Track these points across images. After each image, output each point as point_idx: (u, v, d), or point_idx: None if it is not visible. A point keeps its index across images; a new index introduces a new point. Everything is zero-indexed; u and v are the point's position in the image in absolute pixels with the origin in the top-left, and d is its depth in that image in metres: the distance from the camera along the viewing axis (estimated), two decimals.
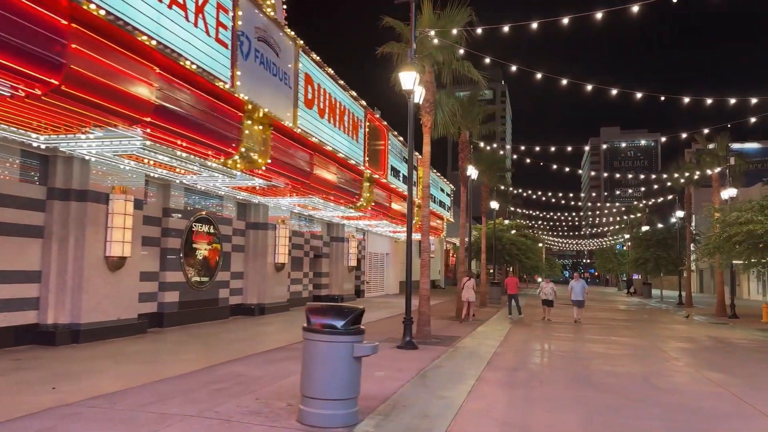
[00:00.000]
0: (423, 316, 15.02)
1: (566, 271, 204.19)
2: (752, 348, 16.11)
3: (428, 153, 15.54)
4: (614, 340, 17.05)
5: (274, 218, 21.30)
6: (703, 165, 30.77)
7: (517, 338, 16.48)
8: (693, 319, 26.53)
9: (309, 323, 6.72)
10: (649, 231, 45.56)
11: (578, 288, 22.46)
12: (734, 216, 20.48)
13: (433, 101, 15.41)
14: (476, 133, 22.79)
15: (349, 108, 18.81)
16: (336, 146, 17.62)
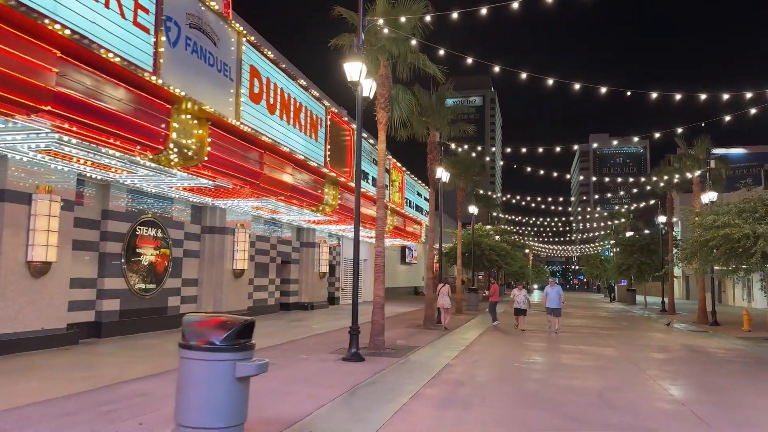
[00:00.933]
0: (376, 325, 14.06)
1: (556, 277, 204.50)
2: (726, 358, 15.23)
3: (383, 151, 14.62)
4: (583, 349, 16.14)
5: (232, 222, 20.30)
6: (683, 169, 30.01)
7: (480, 348, 15.54)
8: (673, 327, 25.69)
9: (184, 338, 5.75)
10: (632, 237, 44.80)
11: (554, 295, 20.60)
12: (711, 220, 19.63)
13: (388, 96, 14.50)
14: (445, 133, 21.88)
15: (307, 106, 17.88)
16: (291, 145, 16.67)
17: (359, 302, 32.03)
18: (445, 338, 17.60)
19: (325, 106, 19.31)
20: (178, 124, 11.67)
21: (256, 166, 15.01)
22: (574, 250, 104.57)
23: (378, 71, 14.46)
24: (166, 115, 11.38)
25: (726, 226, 18.86)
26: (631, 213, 51.81)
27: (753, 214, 19.21)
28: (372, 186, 25.09)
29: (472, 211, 35.04)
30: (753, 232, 18.06)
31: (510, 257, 37.95)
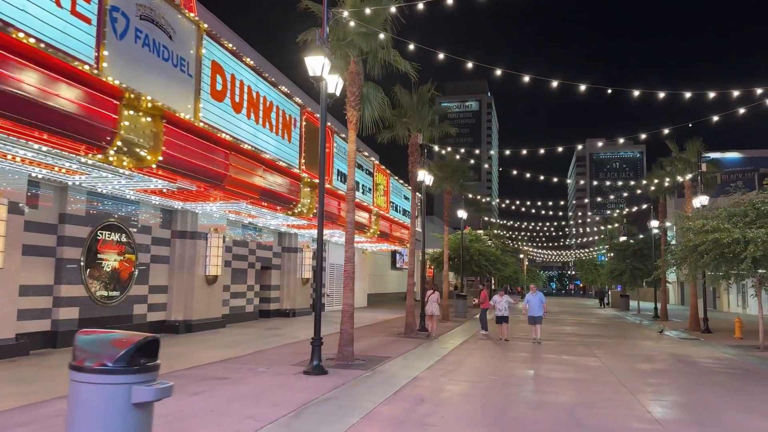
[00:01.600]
0: (344, 335, 13.33)
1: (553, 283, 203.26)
2: (714, 369, 14.52)
3: (353, 151, 13.91)
4: (565, 360, 15.41)
5: (205, 226, 19.57)
6: (675, 172, 29.37)
7: (457, 358, 14.81)
8: (664, 334, 24.97)
9: (74, 357, 5.01)
10: (625, 242, 44.11)
11: (535, 302, 19.29)
12: (700, 224, 18.95)
13: (359, 94, 13.80)
14: (427, 135, 21.19)
15: (279, 105, 17.20)
16: (260, 146, 15.98)
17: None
18: (423, 347, 16.87)
19: (300, 106, 18.61)
20: (128, 121, 10.95)
21: (220, 167, 14.28)
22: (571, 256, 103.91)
23: (348, 68, 13.77)
24: (112, 111, 10.66)
25: (715, 230, 18.18)
26: (624, 217, 51.11)
27: (743, 218, 18.53)
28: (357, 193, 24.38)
29: (461, 216, 34.41)
30: (743, 237, 17.38)
31: (500, 262, 37.21)
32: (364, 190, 25.85)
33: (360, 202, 25.90)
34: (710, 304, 47.77)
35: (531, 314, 19.24)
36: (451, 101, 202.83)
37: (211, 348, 15.27)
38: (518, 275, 72.54)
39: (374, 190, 27.41)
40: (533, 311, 19.22)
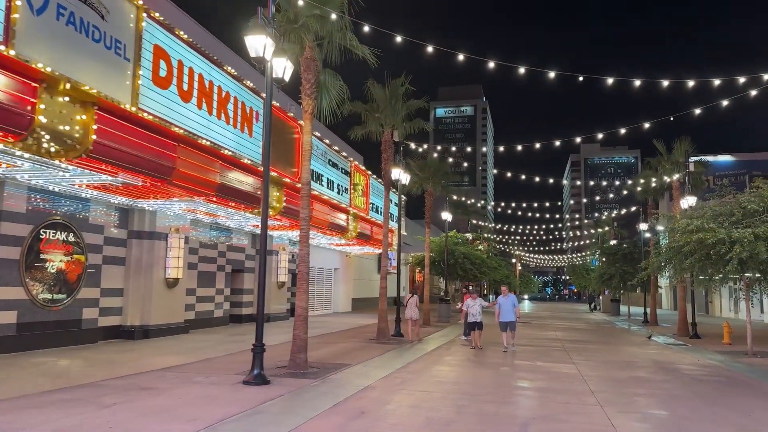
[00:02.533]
0: (297, 341, 12.36)
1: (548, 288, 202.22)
2: (697, 377, 13.57)
3: (309, 143, 12.95)
4: (539, 367, 14.45)
5: (164, 226, 18.58)
6: (662, 173, 28.51)
7: (421, 366, 13.84)
8: (653, 339, 24.02)
9: None
10: (615, 245, 43.22)
11: (507, 306, 17.58)
12: (683, 224, 18.03)
13: (315, 82, 12.87)
14: (401, 131, 20.26)
15: (238, 96, 16.26)
16: (215, 139, 15.02)
17: (329, 313, 29.49)
18: (392, 354, 15.91)
19: (263, 98, 17.63)
20: (49, 106, 10.00)
21: (166, 160, 13.33)
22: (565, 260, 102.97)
23: (303, 53, 12.84)
24: (30, 95, 9.70)
25: (699, 230, 17.27)
26: (614, 221, 50.24)
27: (729, 217, 17.62)
28: (328, 189, 23.46)
29: (446, 218, 33.46)
30: (728, 237, 16.48)
31: (486, 266, 36.26)
32: (339, 190, 24.91)
33: (337, 203, 24.96)
34: (702, 308, 46.88)
35: (502, 319, 17.55)
36: (445, 106, 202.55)
37: (161, 355, 14.27)
38: (510, 280, 71.51)
39: (352, 191, 26.45)
40: (505, 316, 17.55)
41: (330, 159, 23.52)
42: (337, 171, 24.39)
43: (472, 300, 18.47)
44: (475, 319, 18.07)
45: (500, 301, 17.87)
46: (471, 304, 18.36)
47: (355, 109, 19.75)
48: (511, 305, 17.65)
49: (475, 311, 18.15)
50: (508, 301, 17.73)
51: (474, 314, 18.10)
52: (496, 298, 22.77)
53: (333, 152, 23.93)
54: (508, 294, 18.10)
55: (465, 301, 18.77)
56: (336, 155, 24.32)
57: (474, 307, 18.23)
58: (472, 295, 18.95)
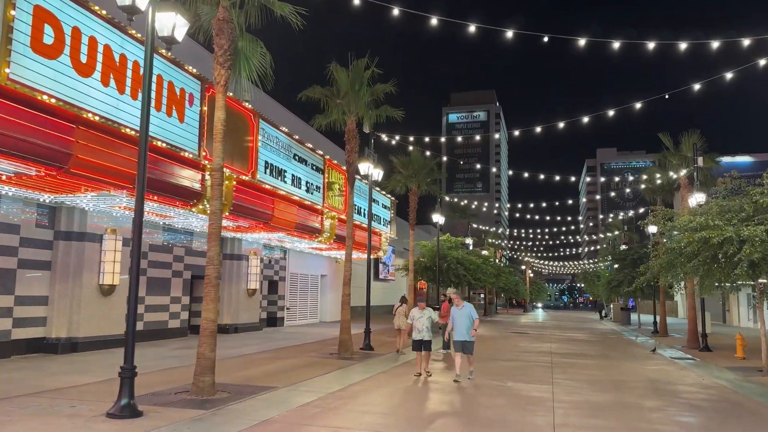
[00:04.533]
0: (201, 361, 10.20)
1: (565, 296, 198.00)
2: (695, 402, 11.18)
3: (221, 121, 10.84)
4: (508, 389, 12.16)
5: (99, 227, 16.61)
6: (669, 168, 26.03)
7: (359, 389, 11.62)
8: (659, 352, 21.51)
9: None
10: (624, 250, 40.58)
11: (462, 319, 13.04)
12: (685, 220, 15.65)
13: (229, 48, 10.77)
14: (368, 120, 18.11)
15: (163, 75, 14.19)
16: (133, 123, 12.97)
17: (314, 323, 26.74)
18: (339, 372, 13.72)
19: (200, 80, 15.60)
20: None
21: (60, 145, 11.30)
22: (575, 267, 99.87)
23: (216, 15, 10.77)
24: None
25: (703, 228, 14.87)
26: (625, 224, 47.56)
27: (738, 213, 15.19)
28: (293, 186, 21.34)
29: (436, 220, 31.21)
30: (737, 236, 14.08)
31: (481, 272, 33.90)
32: (309, 188, 22.78)
33: (308, 203, 22.84)
34: (718, 317, 43.98)
35: (456, 338, 13.14)
36: (458, 111, 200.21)
37: (70, 373, 12.26)
38: (518, 287, 68.88)
39: (326, 190, 24.31)
40: (459, 333, 13.05)
41: (296, 153, 21.42)
42: (305, 167, 22.28)
43: (419, 310, 13.58)
44: (421, 336, 13.26)
45: (453, 314, 13.27)
46: (417, 315, 13.49)
47: (316, 96, 17.72)
48: (466, 318, 13.03)
49: (421, 325, 13.30)
50: (462, 313, 13.08)
51: (420, 329, 13.31)
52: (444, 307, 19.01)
53: (299, 146, 21.82)
54: (463, 304, 13.33)
55: (410, 312, 13.88)
56: (304, 149, 22.21)
57: (420, 319, 13.36)
58: (418, 303, 13.87)
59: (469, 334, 12.98)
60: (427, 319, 13.36)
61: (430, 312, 13.61)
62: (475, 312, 13.21)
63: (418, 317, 13.43)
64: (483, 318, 48.04)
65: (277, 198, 20.22)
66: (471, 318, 13.05)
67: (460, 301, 13.40)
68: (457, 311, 13.20)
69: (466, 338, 13.01)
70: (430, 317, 13.45)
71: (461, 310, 13.14)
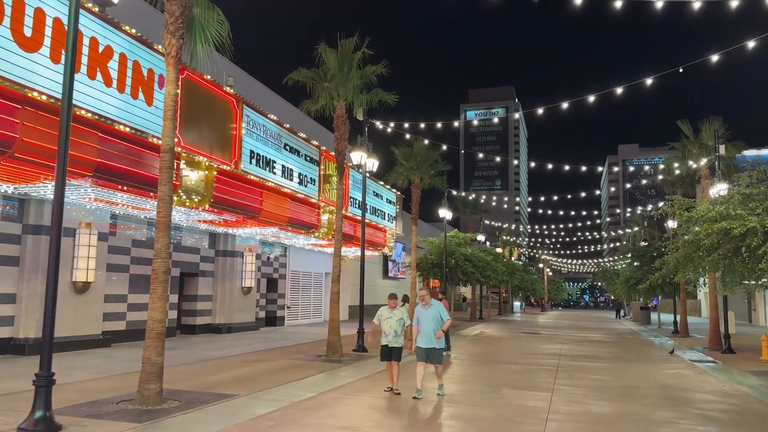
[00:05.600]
0: (147, 366, 9.08)
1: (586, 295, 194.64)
2: (714, 415, 9.77)
3: (172, 97, 9.69)
4: (500, 397, 10.87)
5: (72, 220, 15.62)
6: (689, 157, 24.40)
7: (324, 400, 10.40)
8: (677, 354, 19.99)
9: None
10: (644, 246, 38.80)
11: (428, 319, 10.41)
12: (704, 209, 14.19)
13: (181, 16, 9.63)
14: (359, 104, 16.87)
15: (128, 53, 13.09)
16: (88, 105, 11.90)
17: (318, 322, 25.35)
18: (320, 377, 12.54)
19: None
20: None
21: (2, 127, 10.26)
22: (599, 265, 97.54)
23: None
24: None
25: (724, 217, 13.42)
26: (645, 219, 45.67)
27: (763, 202, 13.71)
28: (284, 178, 20.20)
29: (444, 215, 29.90)
30: (761, 226, 12.63)
31: (490, 269, 32.45)
32: (303, 180, 21.62)
33: (302, 196, 21.68)
34: (744, 317, 42.00)
35: (420, 343, 10.46)
36: (476, 108, 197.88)
37: (14, 377, 11.26)
38: (535, 286, 67.11)
39: (322, 182, 23.13)
40: (423, 338, 10.40)
41: (287, 143, 20.26)
42: (297, 158, 21.11)
43: (387, 309, 10.80)
44: (388, 341, 10.65)
45: (417, 314, 10.53)
46: (385, 315, 10.76)
47: (302, 80, 16.55)
48: (433, 320, 10.37)
49: (389, 328, 10.64)
50: (428, 314, 10.40)
51: (387, 333, 10.65)
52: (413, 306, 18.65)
53: (291, 135, 20.64)
54: (430, 302, 10.55)
55: (378, 311, 11.07)
56: (296, 139, 21.03)
57: (389, 320, 10.68)
58: (389, 299, 10.95)
59: (435, 338, 10.33)
60: (398, 322, 10.63)
61: (402, 312, 10.84)
62: (445, 311, 10.62)
63: (386, 318, 10.70)
64: (496, 318, 46.58)
65: (266, 190, 19.09)
66: (439, 319, 10.43)
67: (428, 298, 10.59)
68: (422, 311, 10.49)
69: (432, 344, 10.35)
70: (402, 319, 10.68)
71: (428, 310, 10.44)
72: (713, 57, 15.58)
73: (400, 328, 10.67)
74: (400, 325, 10.66)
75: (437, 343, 10.41)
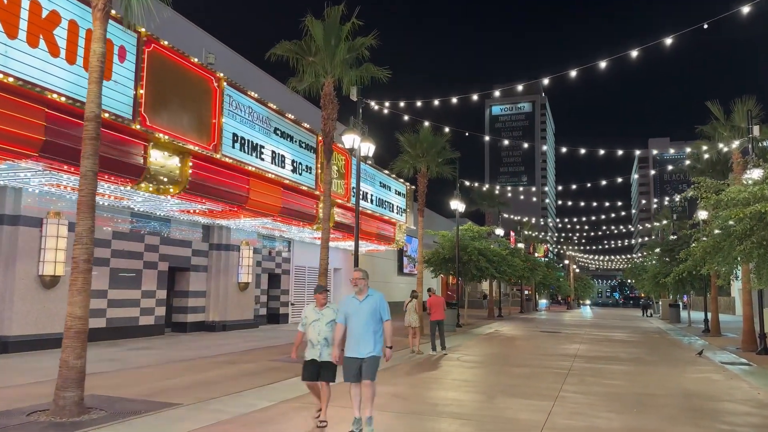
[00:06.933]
0: (64, 370, 7.79)
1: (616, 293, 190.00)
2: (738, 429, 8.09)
3: (98, 56, 8.31)
4: (491, 407, 9.32)
5: (38, 209, 14.50)
6: (719, 140, 22.37)
7: (285, 408, 8.97)
8: (703, 356, 18.11)
9: None
10: (672, 240, 36.60)
11: (360, 318, 7.05)
12: (734, 191, 12.40)
13: None
14: (348, 81, 15.39)
15: (79, 21, 11.80)
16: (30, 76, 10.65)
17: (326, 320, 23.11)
18: (277, 385, 11.08)
19: (139, 32, 13.18)
20: None
21: None
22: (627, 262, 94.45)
23: None
24: None
25: (758, 199, 11.63)
26: (674, 212, 43.30)
27: None
28: (275, 165, 18.82)
29: (456, 207, 28.27)
30: None
31: (506, 264, 30.66)
32: (298, 168, 20.21)
33: (297, 185, 20.30)
34: None
35: (349, 353, 7.08)
36: (502, 104, 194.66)
37: None
38: (560, 283, 64.87)
39: (320, 171, 21.68)
40: (354, 344, 7.08)
41: (277, 127, 18.86)
42: (291, 144, 19.71)
43: (315, 309, 7.67)
44: (315, 354, 7.47)
45: (347, 307, 7.21)
46: (311, 317, 7.62)
47: (286, 54, 15.15)
48: (370, 316, 7.06)
49: (316, 335, 7.52)
50: (363, 309, 7.09)
51: (314, 342, 7.53)
52: (431, 302, 17.27)
53: (282, 118, 19.23)
54: (366, 290, 7.18)
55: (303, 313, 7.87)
56: (288, 123, 19.61)
57: (316, 325, 7.54)
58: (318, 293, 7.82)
59: (372, 342, 6.97)
60: (329, 325, 7.43)
61: (335, 312, 7.50)
62: (385, 307, 7.15)
63: (313, 320, 7.51)
64: (517, 315, 44.61)
65: (254, 177, 17.75)
66: (378, 318, 7.07)
67: (363, 284, 7.09)
68: (352, 304, 7.09)
69: (362, 353, 6.92)
70: (335, 321, 7.36)
71: (361, 303, 7.05)
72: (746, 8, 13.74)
73: (332, 334, 7.42)
74: (330, 330, 7.43)
75: (375, 350, 6.97)
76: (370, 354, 6.94)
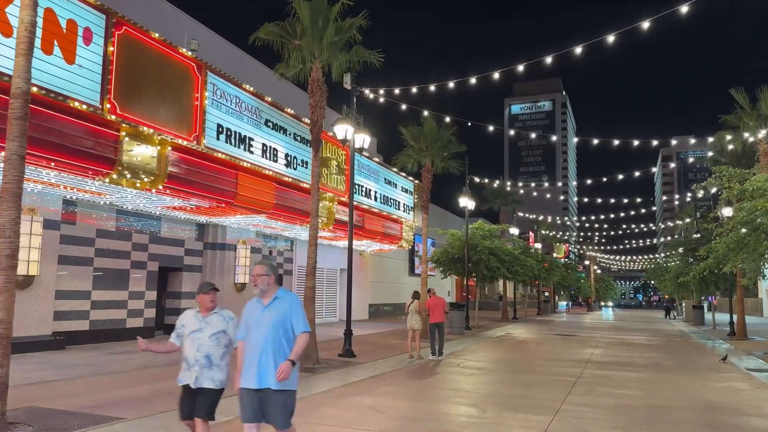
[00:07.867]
0: None
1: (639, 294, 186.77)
2: None
3: (26, 24, 7.37)
4: (484, 422, 8.19)
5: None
6: (743, 131, 20.95)
7: None
8: (727, 362, 16.73)
9: None
10: (695, 239, 34.97)
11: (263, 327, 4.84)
12: (761, 180, 11.12)
13: None
14: (338, 66, 14.34)
15: None
16: None
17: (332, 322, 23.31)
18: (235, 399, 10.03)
19: (107, 13, 12.28)
20: None
21: None
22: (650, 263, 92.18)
23: None
24: None
25: None
26: (697, 210, 41.55)
27: None
28: (267, 159, 17.85)
29: (465, 205, 27.12)
30: None
31: (519, 264, 29.38)
32: (293, 163, 19.25)
33: (294, 181, 19.32)
34: None
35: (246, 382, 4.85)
36: (521, 102, 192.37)
37: None
38: (580, 284, 63.17)
39: (325, 168, 20.67)
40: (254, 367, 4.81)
41: (268, 119, 17.90)
42: (284, 137, 18.74)
43: (196, 317, 5.48)
44: (192, 377, 5.30)
45: (247, 317, 5.00)
46: (190, 326, 5.44)
47: (269, 38, 14.15)
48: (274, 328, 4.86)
49: (194, 351, 5.31)
50: (266, 318, 4.89)
51: (191, 362, 5.34)
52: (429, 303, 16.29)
53: (273, 110, 18.26)
54: (274, 292, 4.99)
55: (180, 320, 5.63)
56: (281, 115, 18.63)
57: (198, 338, 5.34)
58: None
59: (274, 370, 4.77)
60: (213, 338, 5.33)
61: (226, 321, 5.47)
62: (299, 313, 4.99)
63: (192, 331, 5.38)
64: (533, 318, 43.18)
65: (243, 172, 16.79)
66: (288, 328, 4.92)
67: (268, 283, 4.96)
68: (254, 311, 4.99)
69: (262, 382, 4.81)
70: (223, 332, 5.38)
71: (265, 310, 4.93)
72: None
73: (220, 350, 5.36)
74: (218, 345, 5.36)
75: (274, 382, 4.78)
76: (274, 387, 4.74)
